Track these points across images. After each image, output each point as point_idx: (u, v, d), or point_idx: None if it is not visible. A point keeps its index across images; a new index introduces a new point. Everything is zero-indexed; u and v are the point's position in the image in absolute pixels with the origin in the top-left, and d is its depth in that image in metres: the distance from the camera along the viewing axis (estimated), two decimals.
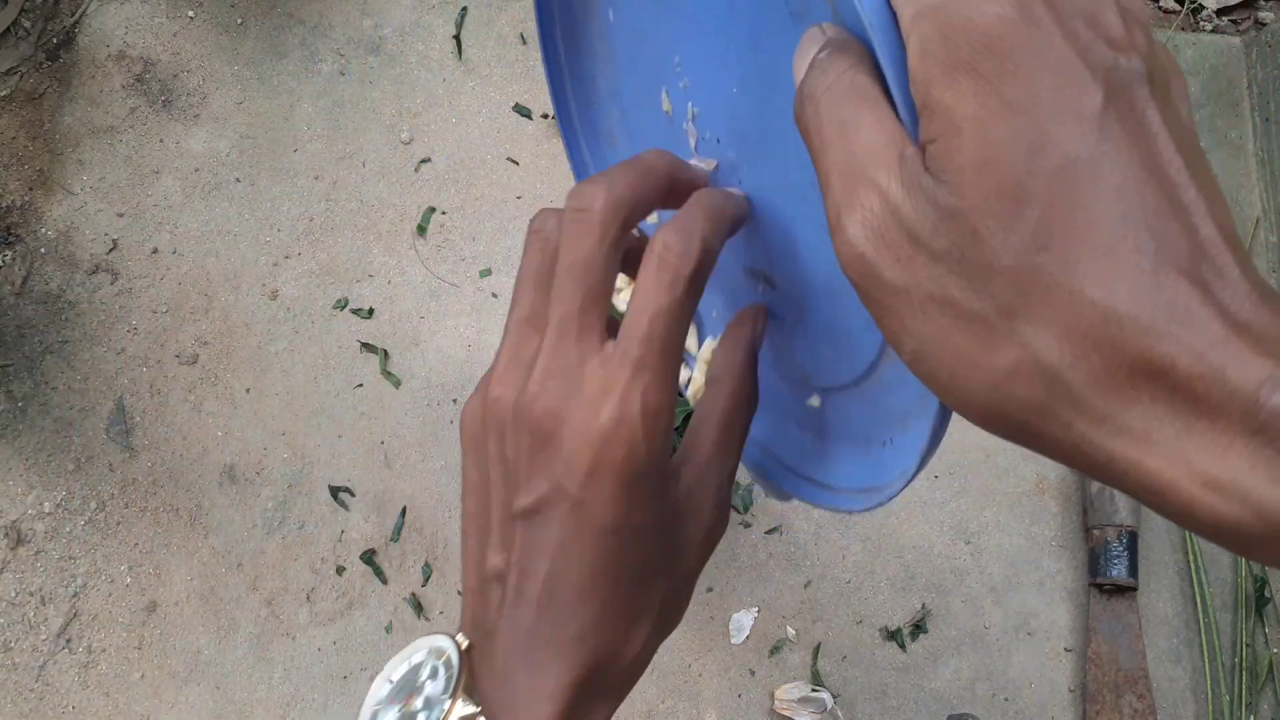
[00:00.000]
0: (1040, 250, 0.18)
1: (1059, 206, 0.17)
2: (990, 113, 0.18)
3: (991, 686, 0.75)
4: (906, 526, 0.79)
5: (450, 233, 0.84)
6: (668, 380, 0.26)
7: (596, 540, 0.27)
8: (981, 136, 0.18)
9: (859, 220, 0.20)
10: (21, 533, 0.74)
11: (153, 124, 0.85)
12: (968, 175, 0.18)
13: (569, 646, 0.28)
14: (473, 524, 0.30)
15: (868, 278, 0.20)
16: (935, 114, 0.19)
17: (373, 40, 0.89)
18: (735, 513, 0.77)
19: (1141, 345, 0.17)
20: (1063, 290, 0.18)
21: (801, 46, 0.23)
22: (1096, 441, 0.18)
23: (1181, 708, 0.76)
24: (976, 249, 0.18)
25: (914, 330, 0.20)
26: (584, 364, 0.26)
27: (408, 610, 0.75)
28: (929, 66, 0.19)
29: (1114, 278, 0.17)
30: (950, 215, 0.18)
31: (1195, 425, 0.17)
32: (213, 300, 0.81)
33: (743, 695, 0.74)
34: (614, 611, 0.28)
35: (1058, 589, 0.78)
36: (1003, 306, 0.18)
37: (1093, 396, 0.18)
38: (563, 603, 0.28)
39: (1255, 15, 0.99)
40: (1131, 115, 0.18)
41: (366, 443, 0.78)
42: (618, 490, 0.26)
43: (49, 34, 0.86)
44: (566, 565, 0.27)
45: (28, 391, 0.77)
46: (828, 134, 0.21)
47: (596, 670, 0.28)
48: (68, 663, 0.71)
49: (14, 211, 0.81)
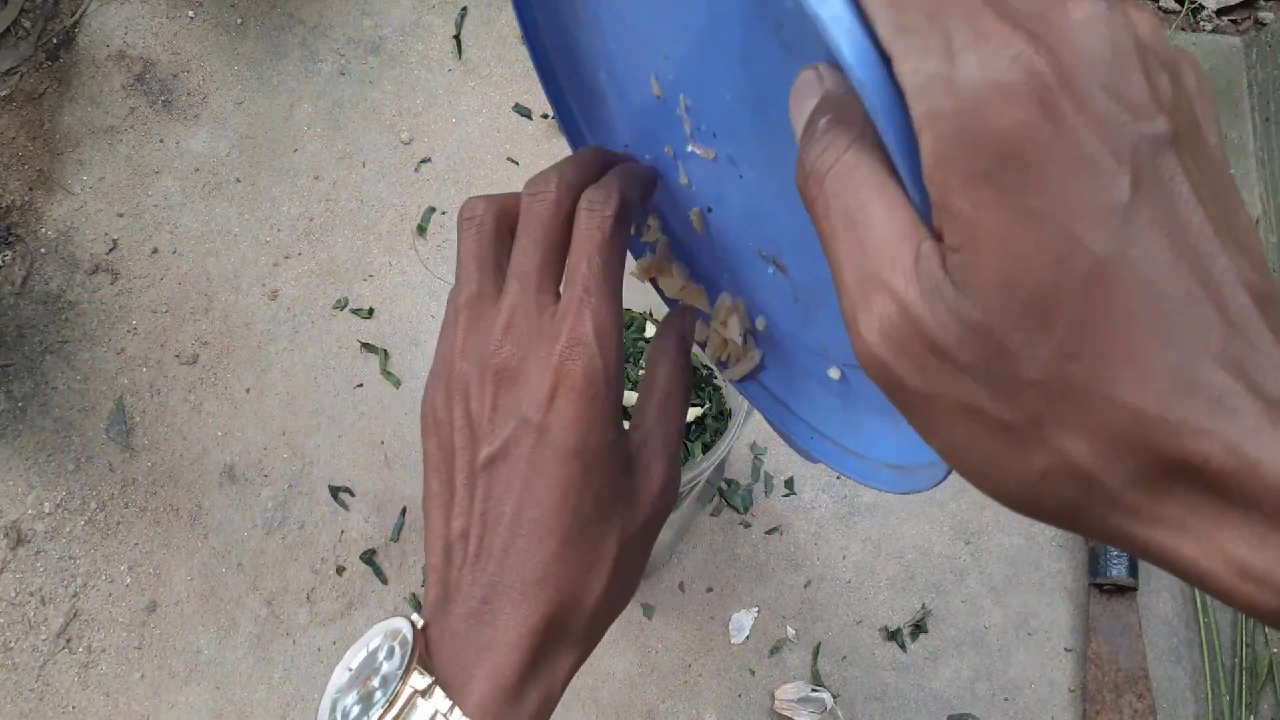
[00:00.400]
0: (1070, 359, 0.17)
1: (1088, 314, 0.17)
2: (1014, 226, 0.17)
3: (991, 686, 0.75)
4: (906, 526, 0.79)
5: (450, 233, 0.84)
6: (613, 304, 0.30)
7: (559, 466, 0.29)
8: (1006, 252, 0.17)
9: (876, 327, 0.19)
10: (21, 533, 0.74)
11: (153, 124, 0.85)
12: (992, 290, 0.17)
13: (531, 590, 0.29)
14: (436, 502, 0.31)
15: (890, 384, 0.20)
16: (955, 222, 0.18)
17: (373, 40, 0.89)
18: (735, 513, 0.77)
19: (1175, 445, 0.17)
20: (1093, 396, 0.17)
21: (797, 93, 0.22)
22: (1133, 531, 0.18)
23: (1181, 708, 0.76)
24: (1004, 363, 0.18)
25: (943, 433, 0.20)
26: (542, 311, 0.29)
27: (408, 610, 0.75)
28: (945, 174, 0.18)
29: (1145, 378, 0.17)
30: (974, 329, 0.18)
31: (1230, 516, 0.17)
32: (213, 300, 0.81)
33: (743, 695, 0.74)
34: (574, 548, 0.29)
35: (1058, 589, 0.78)
36: (1033, 416, 0.18)
37: (1127, 494, 0.18)
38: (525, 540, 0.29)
39: (1255, 15, 0.99)
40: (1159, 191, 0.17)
41: (366, 443, 0.78)
42: (578, 409, 0.29)
43: (49, 34, 0.87)
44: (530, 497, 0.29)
45: (28, 391, 0.77)
46: (835, 223, 0.20)
47: (559, 613, 0.29)
48: (68, 663, 0.71)
49: (14, 211, 0.81)
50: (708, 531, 0.77)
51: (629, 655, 0.74)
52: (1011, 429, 0.19)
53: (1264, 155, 0.91)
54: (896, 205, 0.19)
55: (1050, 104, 0.17)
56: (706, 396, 0.61)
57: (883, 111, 0.18)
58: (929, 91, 0.17)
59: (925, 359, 0.19)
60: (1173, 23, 0.97)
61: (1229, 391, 0.17)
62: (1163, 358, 0.17)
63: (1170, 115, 0.17)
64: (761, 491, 0.78)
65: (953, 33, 0.17)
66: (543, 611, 0.29)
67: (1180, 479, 0.17)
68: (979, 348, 0.18)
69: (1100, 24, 0.17)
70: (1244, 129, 0.93)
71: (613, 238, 0.30)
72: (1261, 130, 0.91)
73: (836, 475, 0.79)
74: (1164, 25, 0.97)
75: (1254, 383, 0.17)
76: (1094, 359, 0.17)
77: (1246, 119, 0.93)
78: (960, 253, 0.18)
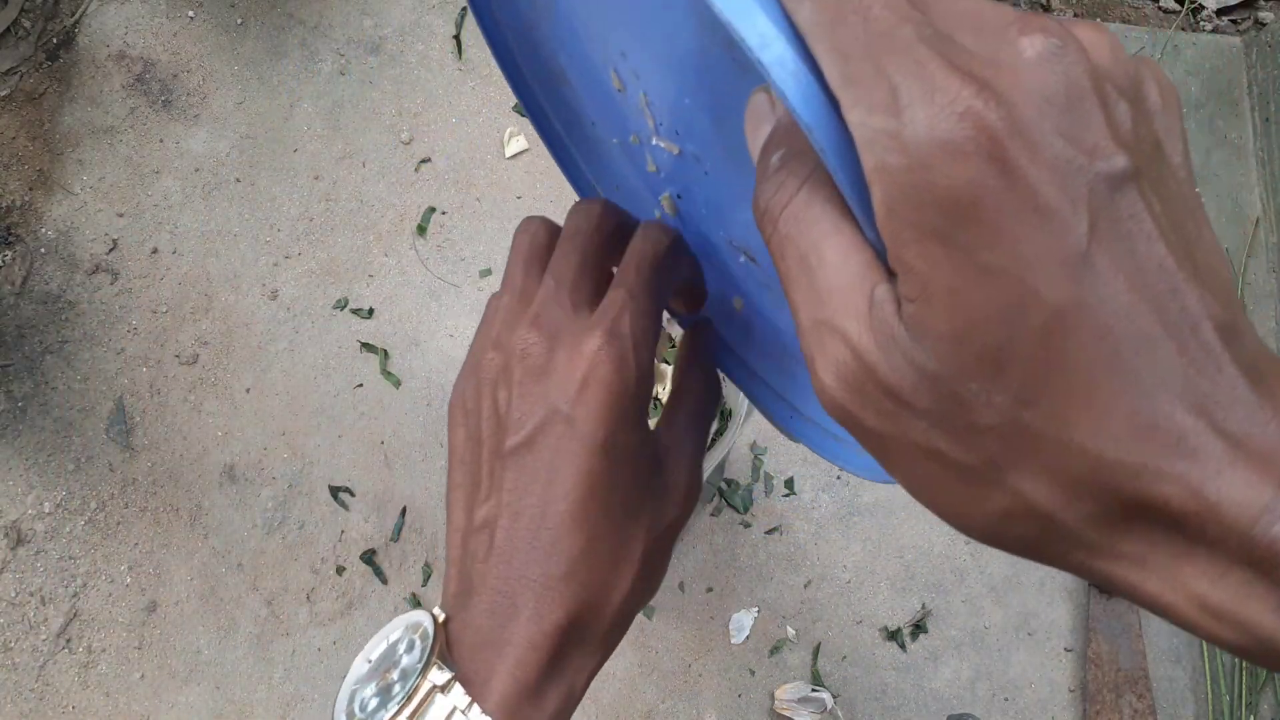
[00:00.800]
0: (1025, 406, 0.17)
1: (1044, 363, 0.17)
2: (967, 281, 0.17)
3: (991, 686, 0.75)
4: (906, 526, 0.79)
5: (450, 233, 0.84)
6: (653, 314, 0.30)
7: (586, 459, 0.28)
8: (959, 305, 0.17)
9: (833, 371, 0.19)
10: (21, 533, 0.74)
11: (153, 124, 0.85)
12: (946, 341, 0.17)
13: (556, 585, 0.29)
14: (459, 494, 0.31)
15: (850, 424, 0.20)
16: (908, 275, 0.17)
17: (373, 40, 0.89)
18: (735, 513, 0.77)
19: (1134, 488, 0.17)
20: (1051, 441, 0.17)
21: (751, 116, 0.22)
22: (1095, 566, 0.18)
23: (1181, 708, 0.76)
24: (959, 411, 0.18)
25: (903, 470, 0.20)
26: (576, 310, 0.30)
27: (407, 609, 0.75)
28: (897, 227, 0.17)
29: (1103, 422, 0.17)
30: (929, 378, 0.18)
31: (1191, 553, 0.17)
32: (213, 300, 0.81)
33: (743, 695, 0.74)
34: (601, 544, 0.29)
35: (1058, 589, 0.78)
36: (990, 459, 0.18)
37: (1088, 532, 0.18)
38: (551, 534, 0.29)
39: (1255, 15, 0.99)
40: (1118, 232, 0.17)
41: (366, 443, 0.78)
42: (607, 404, 0.28)
43: (49, 34, 0.87)
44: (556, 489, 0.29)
45: (28, 391, 0.77)
46: (790, 264, 0.20)
47: (584, 611, 0.29)
48: (68, 663, 0.71)
49: (14, 211, 0.81)
50: (708, 531, 0.77)
51: (629, 655, 0.74)
52: (970, 470, 0.19)
53: (1264, 155, 0.91)
54: (850, 247, 0.19)
55: (1001, 157, 0.16)
56: None
57: (832, 155, 0.18)
58: (877, 146, 0.17)
59: (882, 403, 0.19)
60: (1173, 23, 0.97)
61: (1189, 431, 0.16)
62: (1121, 401, 0.17)
63: (1129, 150, 0.17)
64: (761, 491, 0.78)
65: (899, 86, 0.17)
66: (567, 608, 0.29)
67: (1141, 518, 0.17)
68: (934, 395, 0.18)
69: (1053, 62, 0.17)
70: (1244, 129, 0.93)
71: (664, 260, 0.31)
72: (1261, 130, 0.91)
73: (837, 475, 0.79)
74: (1164, 25, 0.97)
75: (1215, 420, 0.17)
76: (1050, 405, 0.17)
77: (1246, 119, 0.93)
78: (915, 303, 0.18)
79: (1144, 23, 0.98)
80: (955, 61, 0.17)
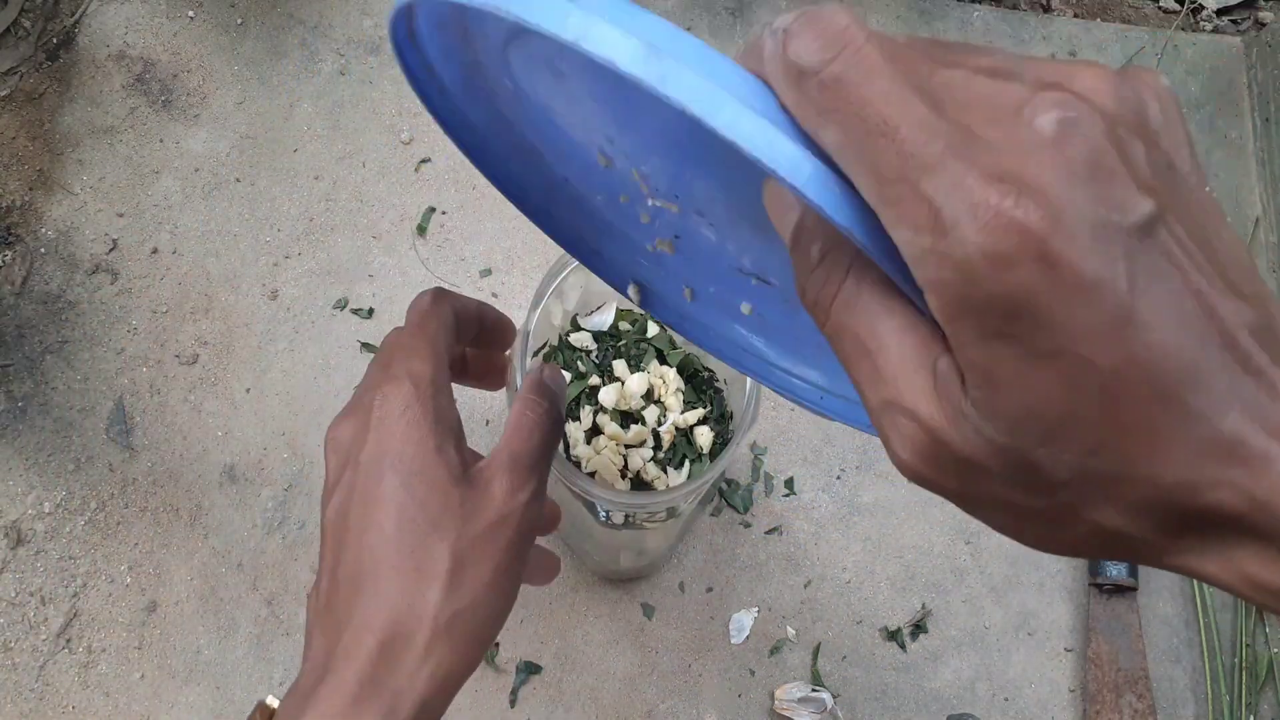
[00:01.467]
0: (1092, 456, 0.19)
1: (1104, 419, 0.18)
2: (1028, 369, 0.18)
3: (991, 686, 0.75)
4: (906, 526, 0.79)
5: (450, 233, 0.84)
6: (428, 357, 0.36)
7: (375, 483, 0.33)
8: (1023, 389, 0.18)
9: (909, 449, 0.21)
10: (21, 533, 0.74)
11: (153, 124, 0.85)
12: (1014, 420, 0.18)
13: (364, 602, 0.32)
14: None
15: (930, 488, 0.21)
16: (972, 369, 0.19)
17: (373, 40, 0.89)
18: (735, 513, 0.77)
19: (1192, 501, 0.19)
20: (1118, 478, 0.19)
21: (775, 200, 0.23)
22: (1159, 559, 0.21)
23: (1181, 708, 0.76)
24: (1032, 471, 0.19)
25: (986, 517, 0.22)
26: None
27: None
28: (956, 329, 0.18)
29: (1160, 454, 0.18)
30: (1000, 449, 0.19)
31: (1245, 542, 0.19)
32: (213, 300, 0.81)
33: (743, 695, 0.74)
34: (404, 557, 0.32)
35: (1058, 589, 0.78)
36: (1065, 504, 0.20)
37: (1153, 537, 0.20)
38: (354, 563, 0.33)
39: (1255, 15, 0.99)
40: (1154, 274, 0.17)
41: None
42: (395, 421, 0.33)
43: (49, 34, 0.86)
44: (354, 519, 0.33)
45: (28, 391, 0.77)
46: (848, 350, 0.21)
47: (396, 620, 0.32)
48: (68, 663, 0.71)
49: (14, 211, 0.81)
50: (708, 531, 0.77)
51: (629, 655, 0.74)
52: (1046, 513, 0.20)
53: (1264, 155, 0.91)
54: (904, 327, 0.20)
55: (1045, 255, 0.17)
56: (708, 399, 0.61)
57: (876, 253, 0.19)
58: (929, 264, 0.18)
59: (958, 470, 0.20)
60: (1173, 23, 0.97)
61: (1238, 441, 0.18)
62: (1176, 432, 0.18)
63: (1152, 191, 0.17)
64: (761, 491, 0.78)
65: (941, 206, 0.17)
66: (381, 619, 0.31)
67: (1198, 522, 0.19)
68: (1005, 461, 0.19)
69: (1071, 134, 0.17)
70: (1244, 129, 0.93)
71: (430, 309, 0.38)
72: (1261, 130, 0.91)
73: (837, 475, 0.79)
74: (1164, 25, 0.97)
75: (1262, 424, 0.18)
76: (1114, 450, 0.18)
77: (1246, 119, 0.93)
78: (980, 389, 0.19)
79: (1144, 23, 0.98)
80: (985, 165, 0.17)
